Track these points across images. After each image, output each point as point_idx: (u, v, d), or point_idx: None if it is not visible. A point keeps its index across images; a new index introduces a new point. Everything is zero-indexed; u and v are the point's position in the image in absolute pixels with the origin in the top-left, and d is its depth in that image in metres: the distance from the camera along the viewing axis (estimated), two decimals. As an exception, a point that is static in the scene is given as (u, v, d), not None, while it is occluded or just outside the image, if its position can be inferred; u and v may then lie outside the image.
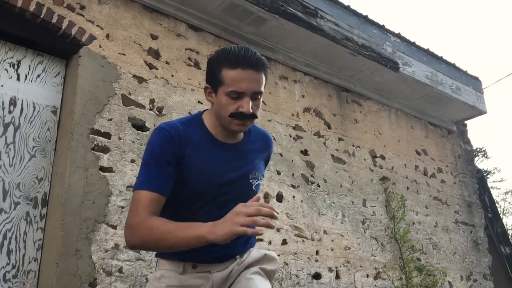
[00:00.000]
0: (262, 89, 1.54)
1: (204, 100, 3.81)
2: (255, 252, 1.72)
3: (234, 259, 1.65)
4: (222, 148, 1.63)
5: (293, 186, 4.26)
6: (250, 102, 1.51)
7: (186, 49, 3.93)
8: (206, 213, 1.57)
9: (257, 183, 1.68)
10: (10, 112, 3.10)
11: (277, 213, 1.33)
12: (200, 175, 1.56)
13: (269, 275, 1.71)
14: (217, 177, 1.58)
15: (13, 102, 3.13)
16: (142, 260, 3.17)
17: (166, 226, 1.41)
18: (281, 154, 4.28)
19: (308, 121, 4.69)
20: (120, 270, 3.05)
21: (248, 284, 1.59)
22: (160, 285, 1.58)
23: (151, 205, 1.45)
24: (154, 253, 1.68)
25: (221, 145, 1.63)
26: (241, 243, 1.67)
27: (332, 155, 4.77)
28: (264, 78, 1.54)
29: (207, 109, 1.71)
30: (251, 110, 1.51)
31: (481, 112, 6.28)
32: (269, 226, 1.31)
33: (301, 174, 4.39)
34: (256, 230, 1.30)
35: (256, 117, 1.56)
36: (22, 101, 3.17)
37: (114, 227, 3.10)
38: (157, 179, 1.49)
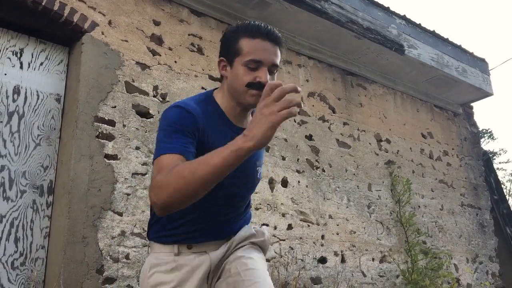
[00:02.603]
0: (279, 63, 1.51)
1: (208, 86, 3.79)
2: (244, 230, 1.68)
3: (228, 238, 1.63)
4: (234, 131, 1.51)
5: (298, 172, 4.26)
6: (268, 74, 1.46)
7: (189, 35, 3.89)
8: (212, 205, 1.55)
9: (260, 171, 1.69)
10: (14, 100, 3.10)
11: (300, 89, 1.22)
12: None
13: (261, 246, 1.70)
14: None
15: (17, 90, 3.13)
16: (149, 246, 3.19)
17: (194, 161, 1.27)
18: (285, 140, 4.27)
19: (313, 105, 4.67)
20: (127, 257, 3.07)
21: (242, 259, 1.58)
22: (152, 278, 1.54)
23: (177, 163, 1.31)
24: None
25: (233, 128, 1.54)
26: (236, 219, 1.65)
27: (337, 140, 4.76)
28: (280, 53, 1.51)
29: (217, 88, 1.64)
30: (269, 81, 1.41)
31: (487, 94, 6.22)
32: (299, 105, 1.19)
33: (306, 159, 4.38)
34: (295, 110, 1.18)
35: None
36: (26, 89, 3.16)
37: (120, 214, 3.11)
38: (178, 144, 1.37)
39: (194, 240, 1.58)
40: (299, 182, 4.23)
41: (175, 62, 3.73)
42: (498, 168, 18.17)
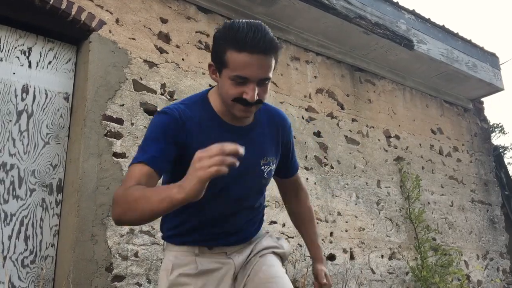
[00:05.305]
0: (271, 74, 1.41)
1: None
2: (267, 240, 1.71)
3: (245, 240, 1.65)
4: (229, 132, 1.52)
5: (306, 169, 4.24)
6: (256, 89, 1.38)
7: (196, 32, 3.89)
8: (216, 208, 1.55)
9: (269, 169, 1.60)
10: (23, 99, 3.12)
11: (243, 152, 1.14)
12: None
13: (281, 257, 1.72)
14: None
15: (25, 89, 3.14)
16: (157, 244, 3.20)
17: (142, 191, 1.27)
18: (294, 137, 4.25)
19: (321, 102, 4.64)
20: (136, 255, 3.08)
21: (260, 263, 1.61)
22: (174, 278, 1.55)
23: (140, 177, 1.35)
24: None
25: (228, 128, 1.53)
26: (252, 224, 1.67)
27: (346, 136, 4.73)
28: (273, 62, 1.41)
29: (212, 87, 1.61)
30: (256, 98, 1.39)
31: (498, 89, 6.15)
32: (234, 164, 1.13)
33: (315, 156, 4.37)
34: (224, 169, 1.12)
35: (262, 103, 1.46)
36: (35, 88, 3.18)
37: (129, 212, 3.12)
38: (150, 153, 1.40)
39: (212, 243, 1.58)
40: (307, 179, 4.22)
41: (183, 59, 3.73)
42: (509, 163, 18.01)
